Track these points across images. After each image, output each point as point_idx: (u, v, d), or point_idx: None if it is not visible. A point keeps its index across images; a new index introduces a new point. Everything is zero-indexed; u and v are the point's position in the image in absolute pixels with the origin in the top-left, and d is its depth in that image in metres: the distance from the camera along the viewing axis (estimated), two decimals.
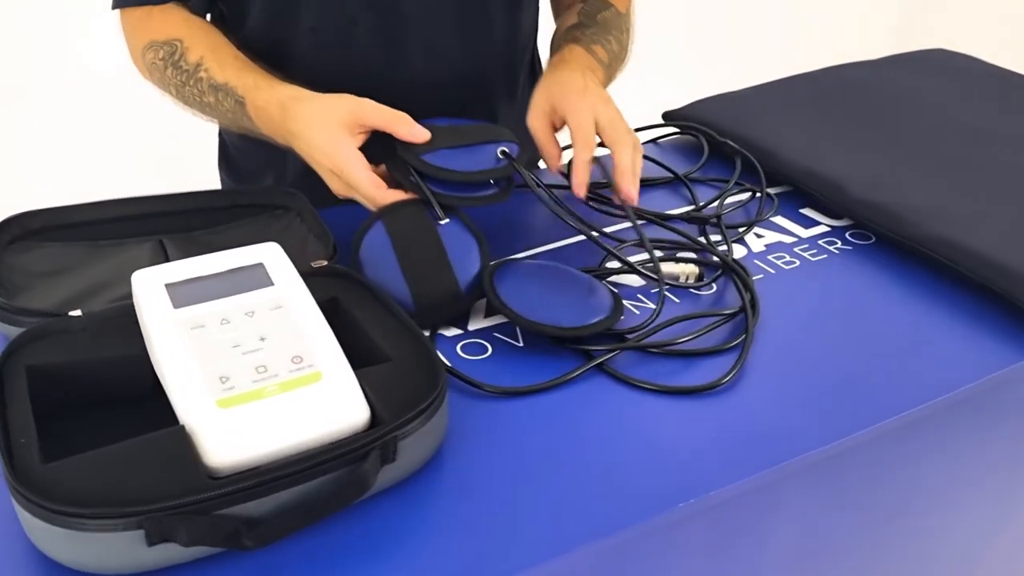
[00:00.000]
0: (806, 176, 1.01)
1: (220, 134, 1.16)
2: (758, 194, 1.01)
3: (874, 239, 0.95)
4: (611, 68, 0.99)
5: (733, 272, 0.87)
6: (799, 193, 1.02)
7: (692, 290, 0.86)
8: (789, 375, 0.77)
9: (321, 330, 0.66)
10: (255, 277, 0.70)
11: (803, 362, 0.78)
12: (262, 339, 0.64)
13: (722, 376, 0.75)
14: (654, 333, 0.79)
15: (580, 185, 0.86)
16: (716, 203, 0.99)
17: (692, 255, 0.90)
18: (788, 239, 0.95)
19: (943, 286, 0.88)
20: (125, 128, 2.24)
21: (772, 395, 0.74)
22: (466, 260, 0.79)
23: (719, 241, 0.93)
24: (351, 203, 0.97)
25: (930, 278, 0.89)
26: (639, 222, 0.87)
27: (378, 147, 0.85)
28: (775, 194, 1.03)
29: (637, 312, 0.83)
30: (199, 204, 0.90)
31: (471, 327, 0.80)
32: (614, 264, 0.88)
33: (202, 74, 0.88)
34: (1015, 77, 1.27)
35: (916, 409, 0.74)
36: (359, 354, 0.71)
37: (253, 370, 0.62)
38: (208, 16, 1.01)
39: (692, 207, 1.00)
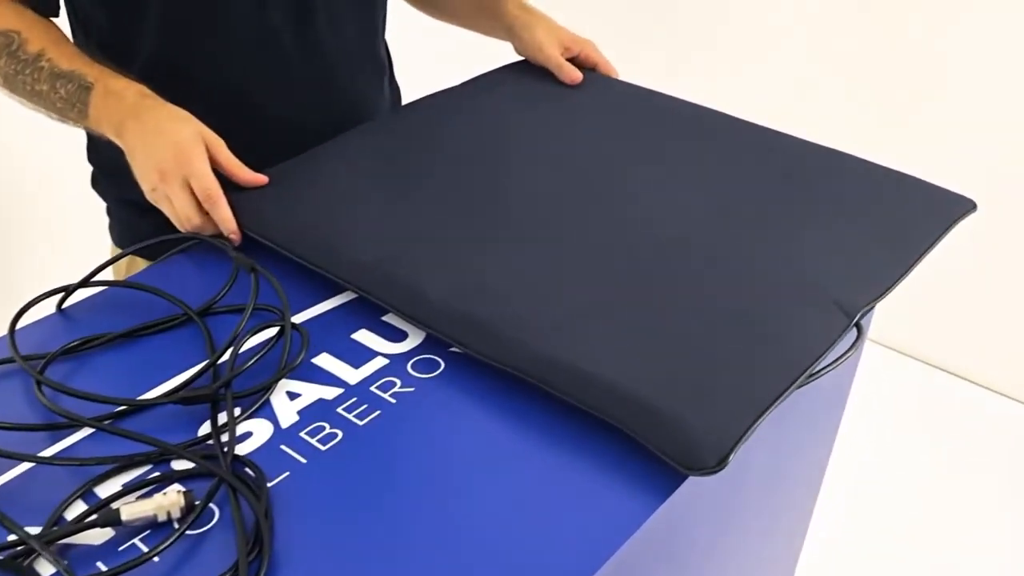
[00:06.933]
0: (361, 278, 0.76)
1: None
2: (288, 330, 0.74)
3: (443, 366, 0.72)
4: None
5: (234, 488, 0.60)
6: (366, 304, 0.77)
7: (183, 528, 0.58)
8: None
9: None
10: None
11: None
12: None
13: None
14: None
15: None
16: (229, 355, 0.71)
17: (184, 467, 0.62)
18: (331, 392, 0.70)
19: (548, 420, 0.66)
20: None
21: None
22: None
23: (228, 425, 0.66)
24: None
25: (532, 409, 0.67)
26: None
27: None
28: (308, 321, 0.77)
29: None
30: None
31: None
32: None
33: (43, 64, 0.90)
34: (643, 93, 1.06)
35: None
36: None
37: None
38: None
39: (206, 364, 0.71)
